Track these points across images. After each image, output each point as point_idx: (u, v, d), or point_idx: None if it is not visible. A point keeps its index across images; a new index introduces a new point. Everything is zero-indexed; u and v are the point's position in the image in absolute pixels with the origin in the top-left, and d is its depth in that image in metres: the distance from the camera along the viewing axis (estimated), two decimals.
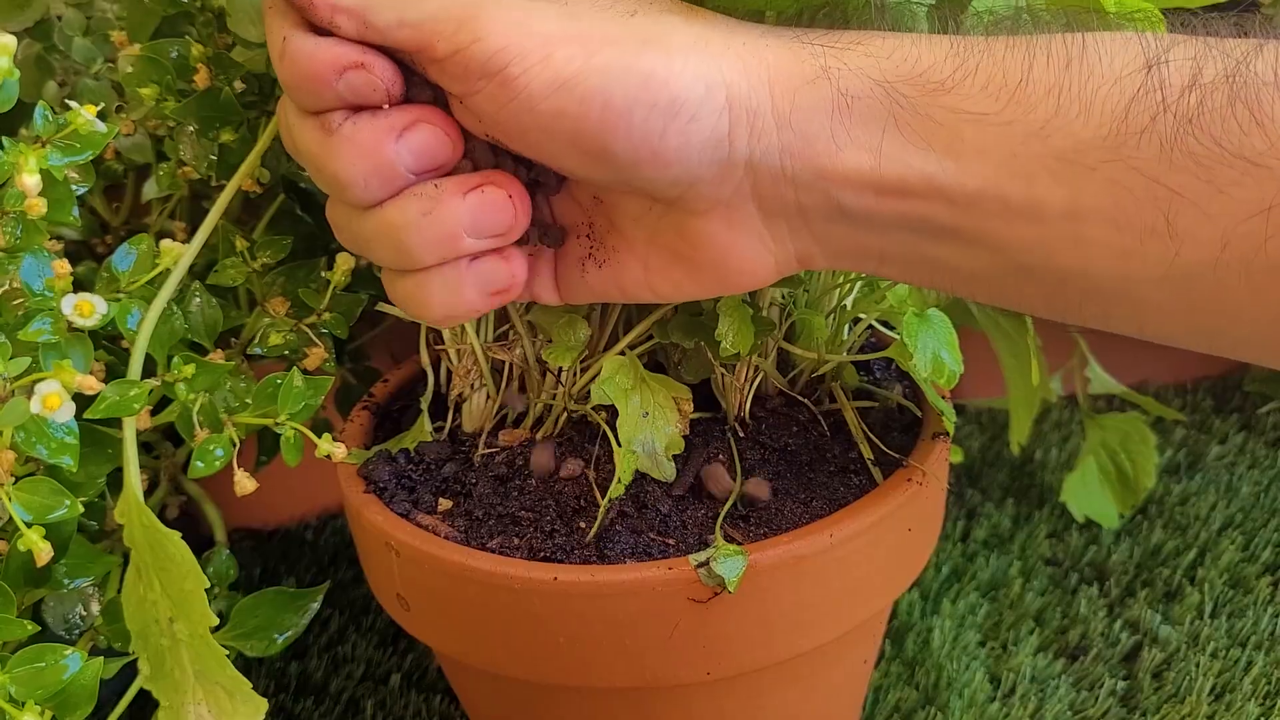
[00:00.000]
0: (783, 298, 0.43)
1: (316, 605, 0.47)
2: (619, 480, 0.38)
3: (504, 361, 0.45)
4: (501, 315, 0.44)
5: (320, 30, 0.32)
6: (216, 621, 0.38)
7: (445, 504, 0.42)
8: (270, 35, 0.33)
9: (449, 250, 0.33)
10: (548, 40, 0.30)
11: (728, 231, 0.33)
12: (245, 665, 0.57)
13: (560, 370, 0.44)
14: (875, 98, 0.30)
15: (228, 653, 0.45)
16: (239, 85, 0.47)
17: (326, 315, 0.48)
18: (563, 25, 0.30)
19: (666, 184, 0.32)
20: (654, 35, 0.31)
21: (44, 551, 0.36)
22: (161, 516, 0.52)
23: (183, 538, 0.39)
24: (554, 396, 0.44)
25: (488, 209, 0.33)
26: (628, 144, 0.31)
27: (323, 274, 0.48)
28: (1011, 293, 0.32)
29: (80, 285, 0.40)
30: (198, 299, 0.46)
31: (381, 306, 0.47)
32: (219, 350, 0.46)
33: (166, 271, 0.40)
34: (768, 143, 0.31)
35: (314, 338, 0.48)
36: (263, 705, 0.38)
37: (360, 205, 0.34)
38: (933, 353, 0.40)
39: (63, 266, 0.38)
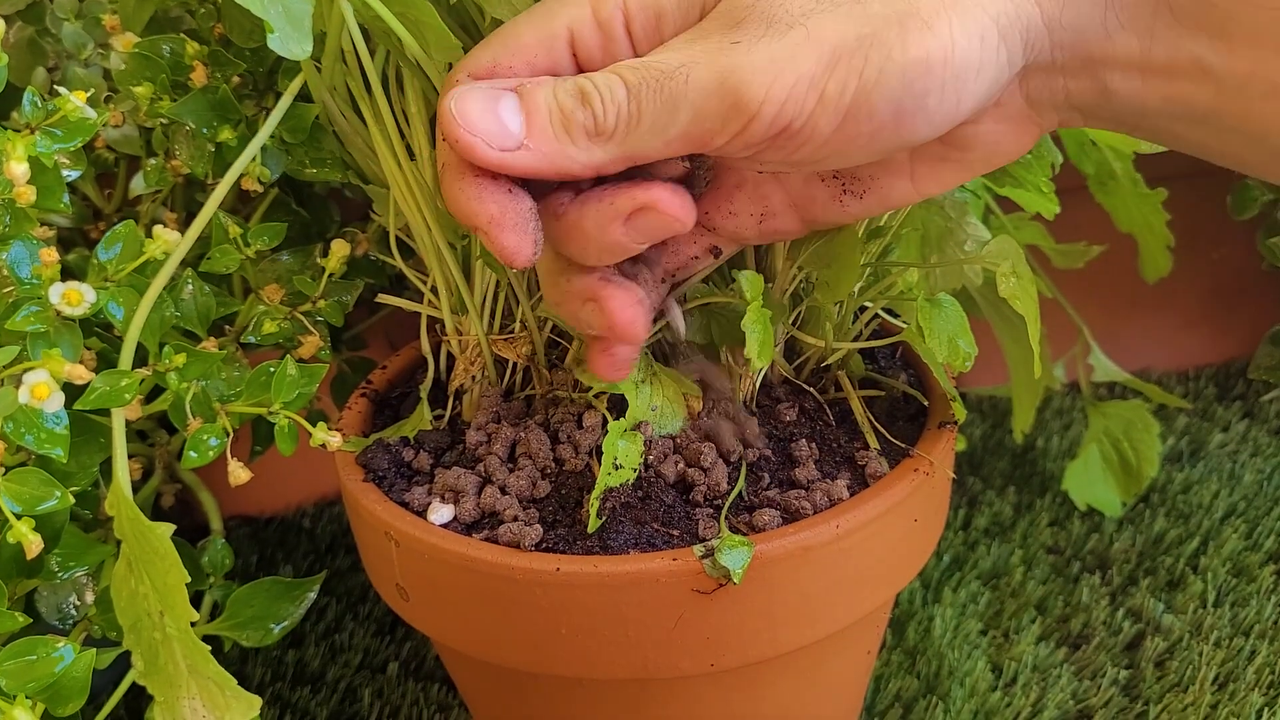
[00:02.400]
0: (791, 281, 0.43)
1: (313, 595, 0.46)
2: (616, 469, 0.38)
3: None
4: (506, 308, 0.44)
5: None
6: (196, 617, 0.37)
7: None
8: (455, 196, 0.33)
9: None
10: (812, 80, 0.29)
11: (998, 126, 0.33)
12: (242, 653, 0.57)
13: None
14: None
15: (224, 643, 0.45)
16: (236, 80, 0.46)
17: (321, 303, 0.48)
18: (814, 52, 0.29)
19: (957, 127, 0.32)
20: (900, 10, 0.30)
21: (34, 543, 0.36)
22: (157, 505, 0.52)
23: (178, 526, 0.38)
24: (558, 387, 0.43)
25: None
26: (929, 127, 0.31)
27: (318, 261, 0.48)
28: (1255, 167, 0.32)
29: (72, 273, 0.39)
30: (190, 286, 0.45)
31: (382, 298, 0.46)
32: (212, 338, 0.46)
33: (155, 259, 0.40)
34: (1040, 47, 0.31)
35: (309, 325, 0.47)
36: (255, 702, 0.37)
37: None
38: (948, 337, 0.39)
39: (50, 255, 0.37)
